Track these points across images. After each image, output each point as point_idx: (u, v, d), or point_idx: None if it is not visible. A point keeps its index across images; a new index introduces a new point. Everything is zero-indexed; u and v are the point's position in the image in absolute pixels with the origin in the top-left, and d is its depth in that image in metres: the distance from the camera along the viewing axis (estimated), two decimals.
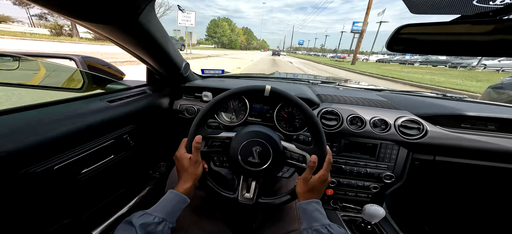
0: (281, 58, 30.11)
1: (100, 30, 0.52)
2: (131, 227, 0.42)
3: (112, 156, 0.67)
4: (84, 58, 0.92)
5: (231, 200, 0.62)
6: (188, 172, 0.57)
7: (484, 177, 1.13)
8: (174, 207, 0.51)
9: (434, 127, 0.91)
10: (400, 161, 0.95)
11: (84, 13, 0.43)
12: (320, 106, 0.96)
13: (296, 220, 0.69)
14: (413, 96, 1.24)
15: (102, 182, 0.71)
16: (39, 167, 0.47)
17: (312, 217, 0.52)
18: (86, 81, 0.91)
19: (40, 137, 0.47)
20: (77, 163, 0.56)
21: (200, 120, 0.60)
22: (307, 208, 0.54)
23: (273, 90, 0.60)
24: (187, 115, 1.02)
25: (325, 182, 0.57)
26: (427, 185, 1.32)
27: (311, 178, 0.57)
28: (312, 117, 0.59)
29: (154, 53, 0.72)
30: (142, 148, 0.85)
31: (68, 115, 0.55)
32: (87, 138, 0.59)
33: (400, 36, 0.42)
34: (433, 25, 0.40)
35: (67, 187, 0.56)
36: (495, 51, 0.40)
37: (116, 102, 0.73)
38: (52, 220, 0.56)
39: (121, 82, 1.06)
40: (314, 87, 1.22)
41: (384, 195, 1.01)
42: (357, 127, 0.93)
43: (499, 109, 0.98)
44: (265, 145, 0.59)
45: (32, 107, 0.54)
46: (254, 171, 0.59)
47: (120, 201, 0.84)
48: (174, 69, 0.88)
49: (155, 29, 0.60)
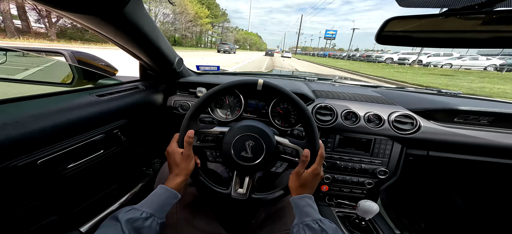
0: (282, 60, 24.15)
1: (84, 21, 0.51)
2: (117, 223, 0.41)
3: (102, 151, 0.66)
4: (74, 53, 0.90)
5: (224, 195, 0.62)
6: (179, 167, 0.56)
7: (478, 172, 1.14)
8: (163, 202, 0.49)
9: (427, 122, 0.91)
10: (394, 156, 0.96)
11: (65, 3, 0.42)
12: (315, 102, 0.96)
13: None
14: (408, 92, 1.25)
15: (92, 178, 0.70)
16: (21, 160, 0.45)
17: (304, 212, 0.51)
18: (76, 76, 0.89)
19: (22, 130, 0.46)
20: (63, 157, 0.54)
21: (192, 114, 0.60)
22: (299, 202, 0.53)
23: (266, 84, 0.60)
24: (181, 112, 1.01)
25: (317, 176, 0.56)
26: (421, 180, 1.34)
27: (304, 172, 0.56)
28: (304, 110, 0.59)
29: (144, 47, 0.71)
30: (134, 144, 0.84)
31: (53, 109, 0.54)
32: (75, 131, 0.57)
33: (388, 29, 0.42)
34: (421, 18, 0.40)
35: (52, 182, 0.54)
36: (482, 43, 0.40)
37: (106, 96, 0.71)
38: (38, 215, 0.55)
39: (113, 77, 1.04)
40: (310, 84, 1.22)
41: (378, 190, 1.02)
42: (351, 122, 0.93)
43: (491, 104, 0.99)
44: (258, 139, 0.59)
45: (14, 100, 0.52)
46: (247, 166, 0.59)
47: (112, 197, 0.83)
48: (166, 64, 0.87)
49: (143, 22, 0.58)
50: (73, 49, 0.91)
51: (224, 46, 25.71)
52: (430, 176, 1.29)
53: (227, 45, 25.91)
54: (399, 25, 0.41)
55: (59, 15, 0.48)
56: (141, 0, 0.53)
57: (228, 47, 25.34)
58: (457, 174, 1.21)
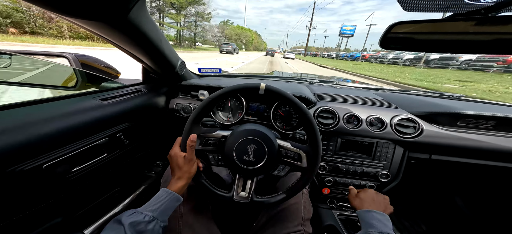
0: (283, 62, 20.01)
1: (89, 27, 0.51)
2: (120, 226, 0.41)
3: (105, 154, 0.67)
4: (78, 56, 0.91)
5: (226, 199, 0.62)
6: (182, 170, 0.56)
7: (480, 176, 1.13)
8: (166, 206, 0.50)
9: (430, 126, 0.91)
10: (396, 159, 0.95)
11: (71, 9, 0.42)
12: (316, 105, 0.96)
13: (299, 220, 0.68)
14: (410, 95, 1.24)
15: (96, 181, 0.70)
16: (27, 165, 0.46)
17: (369, 224, 0.57)
18: (79, 79, 0.89)
19: (29, 134, 0.46)
20: (68, 161, 0.55)
21: (194, 118, 0.60)
22: (365, 215, 0.61)
23: (268, 88, 0.60)
24: (183, 114, 1.01)
25: (376, 195, 0.71)
26: (423, 184, 1.33)
27: (358, 194, 0.71)
28: (306, 114, 0.59)
29: (147, 51, 0.71)
30: (137, 147, 0.84)
31: (58, 113, 0.54)
32: (79, 136, 0.58)
33: (393, 33, 0.42)
34: (426, 23, 0.40)
35: (57, 186, 0.55)
36: (487, 48, 0.40)
37: (110, 100, 0.72)
38: (42, 219, 0.55)
39: (116, 81, 1.05)
40: (311, 86, 1.22)
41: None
42: (353, 126, 0.93)
43: (495, 107, 0.98)
44: (260, 143, 0.59)
45: (20, 105, 0.53)
46: (249, 170, 0.59)
47: (115, 200, 0.83)
48: (169, 67, 0.87)
49: (146, 27, 0.59)
50: (76, 52, 0.92)
51: (227, 46, 25.33)
52: (432, 179, 1.28)
53: (230, 46, 25.58)
54: (403, 29, 0.41)
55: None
56: (145, 5, 0.53)
57: (231, 48, 24.97)
58: (459, 177, 1.20)
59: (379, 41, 0.43)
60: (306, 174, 0.61)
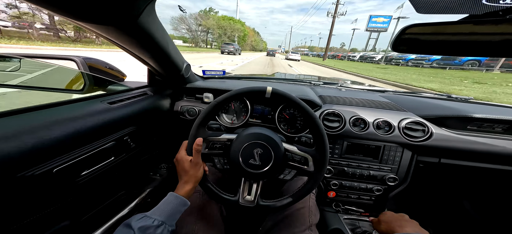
0: (285, 64, 16.35)
1: (99, 31, 0.52)
2: (130, 230, 0.41)
3: (113, 158, 0.67)
4: (85, 59, 0.92)
5: (232, 202, 0.61)
6: (188, 174, 0.56)
7: (491, 180, 1.11)
8: (173, 210, 0.50)
9: (439, 129, 0.89)
10: (404, 163, 0.94)
11: (82, 14, 0.43)
12: (322, 108, 0.95)
13: (306, 225, 0.67)
14: (417, 97, 1.22)
15: (103, 184, 0.70)
16: (38, 169, 0.46)
17: None
18: (87, 82, 0.90)
19: (39, 139, 0.46)
20: (77, 165, 0.55)
21: (200, 121, 0.60)
22: None
23: (275, 91, 0.59)
24: (188, 117, 1.02)
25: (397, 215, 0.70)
26: (431, 188, 1.30)
27: (380, 219, 0.72)
28: (314, 118, 0.58)
29: (154, 54, 0.72)
30: (142, 150, 0.85)
31: (68, 117, 0.55)
32: (87, 140, 0.58)
33: (406, 36, 0.41)
34: (440, 25, 0.39)
35: (66, 190, 0.55)
36: (504, 51, 0.38)
37: (117, 103, 0.72)
38: (51, 222, 0.56)
39: (122, 83, 1.05)
40: (316, 89, 1.21)
41: (387, 198, 1.00)
42: (360, 129, 0.91)
43: (506, 110, 0.96)
44: (266, 147, 0.58)
45: (31, 110, 0.53)
46: (255, 173, 0.59)
47: (120, 203, 0.84)
48: (175, 70, 0.87)
49: (155, 30, 0.59)
50: (84, 56, 0.93)
51: (228, 47, 24.86)
52: (442, 183, 1.25)
53: (231, 46, 25.05)
54: (417, 31, 0.40)
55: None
56: (154, 9, 0.54)
57: (232, 48, 24.49)
58: (468, 181, 1.17)
59: (391, 44, 0.42)
60: (313, 178, 0.60)
